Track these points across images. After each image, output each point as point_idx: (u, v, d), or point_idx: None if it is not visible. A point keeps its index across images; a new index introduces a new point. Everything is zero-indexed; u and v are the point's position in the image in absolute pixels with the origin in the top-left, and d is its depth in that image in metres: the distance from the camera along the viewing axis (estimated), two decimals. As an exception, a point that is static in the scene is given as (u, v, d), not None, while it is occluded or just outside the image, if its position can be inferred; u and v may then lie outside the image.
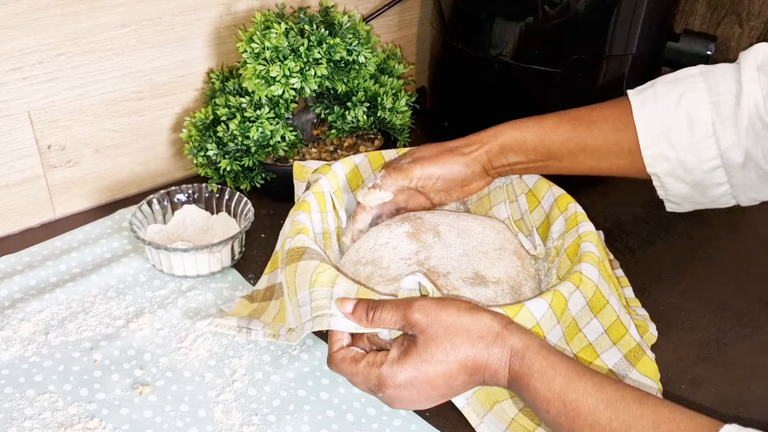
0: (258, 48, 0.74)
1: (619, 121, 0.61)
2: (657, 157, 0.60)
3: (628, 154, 0.62)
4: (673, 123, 0.59)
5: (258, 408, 0.59)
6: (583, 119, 0.63)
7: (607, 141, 0.62)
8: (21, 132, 0.74)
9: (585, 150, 0.63)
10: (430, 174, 0.66)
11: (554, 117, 0.64)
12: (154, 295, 0.70)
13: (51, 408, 0.58)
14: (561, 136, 0.63)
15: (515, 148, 0.64)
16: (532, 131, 0.64)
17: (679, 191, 0.62)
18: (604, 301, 0.59)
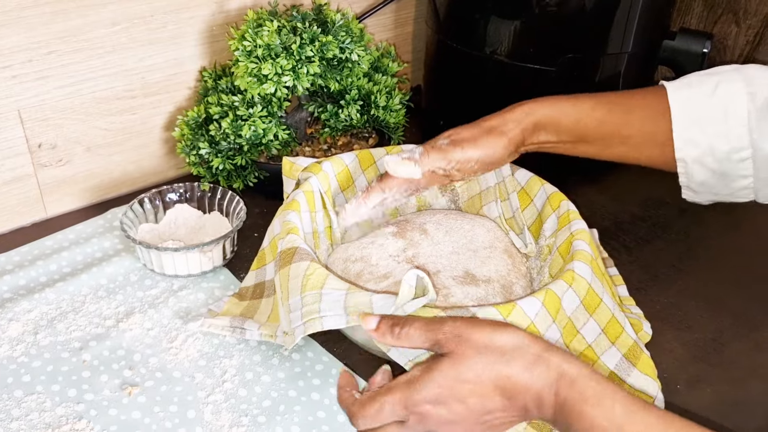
0: (250, 46, 0.73)
1: (656, 110, 0.60)
2: (688, 142, 0.59)
3: (660, 145, 0.61)
4: (708, 110, 0.58)
5: (248, 409, 0.58)
6: (620, 104, 0.62)
7: (642, 130, 0.61)
8: (11, 131, 0.74)
9: (619, 136, 0.62)
10: (470, 157, 0.62)
11: (591, 99, 0.63)
12: (144, 294, 0.69)
13: (38, 409, 0.57)
14: (597, 120, 0.61)
15: (548, 126, 0.62)
16: (568, 111, 0.62)
17: (703, 179, 0.61)
18: (598, 299, 0.58)
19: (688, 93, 0.59)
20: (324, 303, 0.53)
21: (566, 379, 0.43)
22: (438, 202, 0.76)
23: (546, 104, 0.63)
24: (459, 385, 0.44)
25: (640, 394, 0.58)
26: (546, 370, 0.44)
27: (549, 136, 0.63)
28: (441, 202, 0.76)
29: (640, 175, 0.93)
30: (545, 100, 0.63)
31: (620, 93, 0.63)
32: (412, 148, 0.63)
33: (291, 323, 0.55)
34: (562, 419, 0.44)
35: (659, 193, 0.90)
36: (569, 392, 0.43)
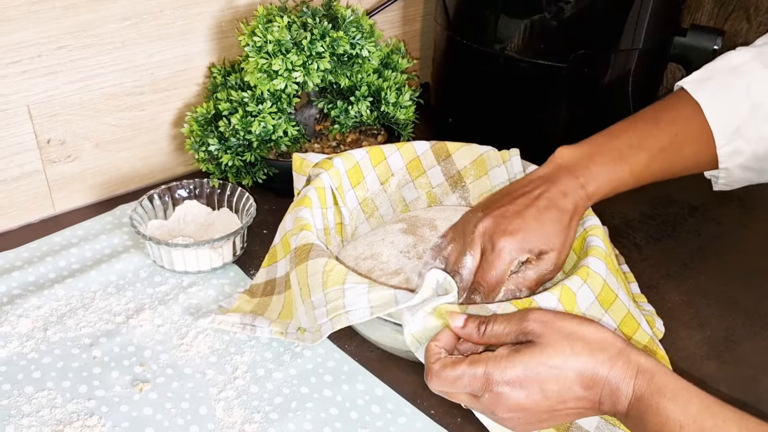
0: (260, 41, 0.73)
1: (701, 143, 0.61)
2: (731, 154, 0.61)
3: (703, 167, 0.64)
4: (746, 117, 0.59)
5: (260, 405, 0.58)
6: (670, 151, 0.61)
7: (688, 166, 0.63)
8: (20, 126, 0.73)
9: (669, 175, 0.64)
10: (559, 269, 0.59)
11: (643, 154, 0.60)
12: (154, 291, 0.69)
13: (49, 405, 0.57)
14: (652, 175, 0.62)
15: (608, 193, 0.61)
16: (624, 178, 0.60)
17: (743, 178, 0.63)
18: (614, 295, 0.58)
19: (723, 103, 0.60)
20: (348, 298, 0.53)
21: (645, 374, 0.44)
22: (448, 199, 0.76)
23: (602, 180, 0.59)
24: (544, 369, 0.45)
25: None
26: (626, 364, 0.44)
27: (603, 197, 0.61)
28: (451, 199, 0.75)
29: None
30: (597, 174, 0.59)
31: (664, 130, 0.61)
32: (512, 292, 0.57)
33: (316, 320, 0.55)
34: (636, 413, 0.44)
35: (667, 191, 0.90)
36: (647, 387, 0.43)
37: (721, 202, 0.88)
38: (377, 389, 0.60)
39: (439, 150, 0.74)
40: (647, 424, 0.43)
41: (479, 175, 0.73)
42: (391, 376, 0.61)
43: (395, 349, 0.61)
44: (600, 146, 0.61)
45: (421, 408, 0.59)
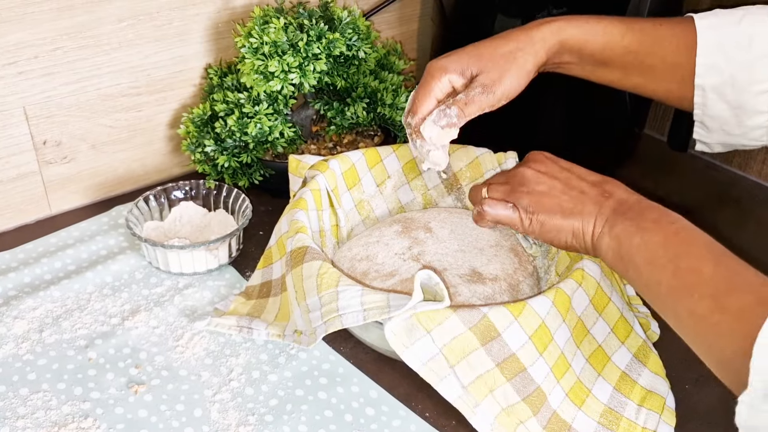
0: (256, 43, 0.73)
1: (684, 42, 0.59)
2: (710, 68, 0.58)
3: (680, 80, 0.60)
4: (733, 37, 0.57)
5: (255, 408, 0.58)
6: (650, 32, 0.60)
7: (666, 61, 0.60)
8: (16, 127, 0.73)
9: (642, 66, 0.61)
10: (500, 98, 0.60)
11: (622, 24, 0.61)
12: (150, 292, 0.69)
13: (44, 407, 0.57)
14: (624, 47, 0.60)
15: (573, 48, 0.60)
16: (597, 34, 0.60)
17: (718, 112, 0.60)
18: (607, 299, 0.58)
19: (715, 21, 0.58)
20: (341, 301, 0.53)
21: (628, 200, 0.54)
22: (444, 201, 0.76)
23: (575, 24, 0.60)
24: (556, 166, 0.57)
25: (652, 395, 0.58)
26: None
27: (572, 57, 0.61)
28: (447, 201, 0.76)
29: (645, 174, 0.94)
30: (574, 19, 0.60)
31: (650, 21, 0.61)
32: (443, 110, 0.59)
33: (311, 323, 0.55)
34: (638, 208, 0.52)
35: (664, 192, 0.89)
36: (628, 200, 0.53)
37: (718, 203, 0.88)
38: (372, 391, 0.60)
39: (435, 152, 0.74)
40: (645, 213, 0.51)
41: (475, 178, 0.73)
42: (386, 378, 0.61)
43: (389, 351, 0.61)
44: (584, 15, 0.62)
45: (415, 411, 0.59)
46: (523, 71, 0.59)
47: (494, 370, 0.52)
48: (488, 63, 0.59)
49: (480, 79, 0.59)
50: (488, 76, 0.59)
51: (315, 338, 0.54)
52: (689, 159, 0.98)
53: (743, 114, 0.59)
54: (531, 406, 0.53)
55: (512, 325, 0.52)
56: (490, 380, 0.52)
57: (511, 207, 0.56)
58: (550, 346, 0.53)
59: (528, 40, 0.60)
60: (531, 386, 0.53)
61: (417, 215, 0.71)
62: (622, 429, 0.55)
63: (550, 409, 0.54)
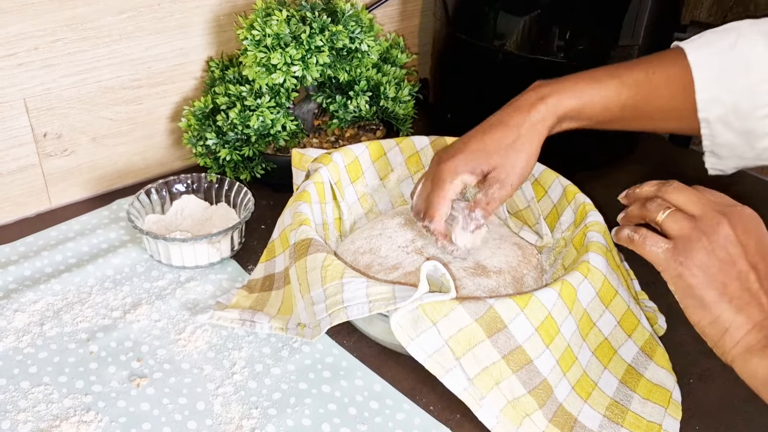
0: (259, 35, 0.73)
1: (679, 85, 0.58)
2: (710, 102, 0.57)
3: (683, 119, 0.59)
4: (730, 66, 0.57)
5: (258, 401, 0.57)
6: (644, 85, 0.59)
7: (663, 108, 0.60)
8: (16, 120, 0.73)
9: (642, 115, 0.60)
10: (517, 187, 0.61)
11: (615, 80, 0.59)
12: (151, 286, 0.68)
13: (46, 400, 0.56)
14: (621, 105, 0.60)
15: (573, 117, 0.60)
16: (593, 99, 0.60)
17: (727, 140, 0.59)
18: (614, 291, 0.58)
19: (708, 51, 0.57)
20: (346, 293, 0.52)
21: None
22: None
23: (569, 93, 0.60)
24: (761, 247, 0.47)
25: (658, 389, 0.58)
26: None
27: (572, 123, 0.61)
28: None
29: (648, 170, 0.94)
30: (566, 87, 0.59)
31: (642, 69, 0.60)
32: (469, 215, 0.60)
33: (315, 315, 0.55)
34: None
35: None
36: None
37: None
38: (376, 385, 0.60)
39: (439, 146, 0.74)
40: None
41: None
42: (389, 371, 0.61)
43: (394, 344, 0.61)
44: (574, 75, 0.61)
45: (419, 404, 0.58)
46: (531, 156, 0.59)
47: (500, 362, 0.52)
48: (498, 159, 0.59)
49: (494, 175, 0.59)
50: (501, 171, 0.59)
51: (319, 331, 0.54)
52: (691, 155, 0.98)
53: (753, 138, 0.58)
54: (537, 399, 0.53)
55: (518, 317, 0.52)
56: (496, 373, 0.52)
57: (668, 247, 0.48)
58: (557, 338, 0.53)
59: (528, 125, 0.59)
60: (537, 379, 0.53)
61: None
62: (628, 422, 0.55)
63: (556, 402, 0.53)
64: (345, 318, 0.52)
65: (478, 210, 0.60)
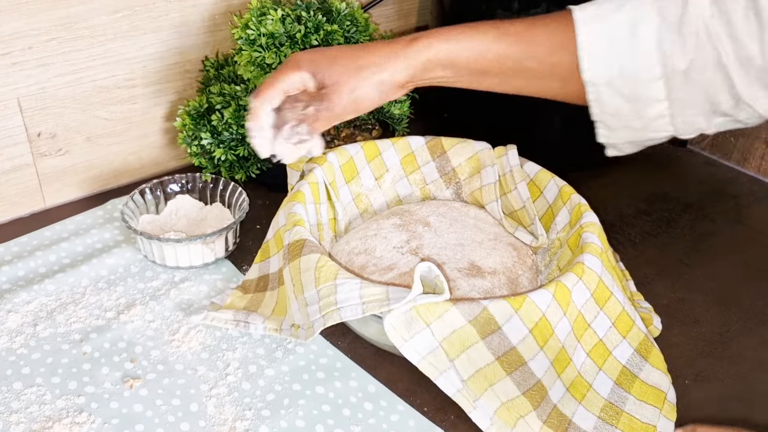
0: (254, 35, 0.72)
1: (559, 40, 0.56)
2: (597, 63, 0.55)
3: (562, 79, 0.57)
4: (616, 28, 0.54)
5: (252, 402, 0.57)
6: (523, 35, 0.57)
7: (543, 62, 0.57)
8: (10, 119, 0.73)
9: (520, 70, 0.58)
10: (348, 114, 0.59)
11: (493, 29, 0.57)
12: (146, 286, 0.68)
13: (38, 401, 0.56)
14: (497, 53, 0.57)
15: (445, 63, 0.57)
16: (468, 45, 0.57)
17: (615, 107, 0.56)
18: (608, 293, 0.57)
19: (595, 11, 0.55)
20: (340, 294, 0.52)
21: None
22: (442, 194, 0.75)
23: (444, 37, 0.57)
24: None
25: (653, 390, 0.58)
26: None
27: (446, 71, 0.58)
28: (445, 194, 0.75)
29: (644, 169, 0.93)
30: (442, 32, 0.58)
31: (525, 22, 0.58)
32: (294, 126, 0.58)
33: (309, 317, 0.54)
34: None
35: (664, 187, 0.90)
36: None
37: (717, 199, 0.88)
38: (370, 386, 0.59)
39: (434, 146, 0.74)
40: None
41: (473, 173, 0.73)
42: (384, 372, 0.61)
43: (388, 345, 0.60)
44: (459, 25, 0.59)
45: (414, 405, 0.58)
46: (376, 89, 0.57)
47: (494, 363, 0.52)
48: (341, 75, 0.57)
49: (328, 91, 0.57)
50: (337, 89, 0.57)
51: (313, 332, 0.54)
52: (688, 155, 0.98)
53: (640, 104, 0.55)
54: (531, 401, 0.53)
55: (512, 319, 0.51)
56: (490, 374, 0.52)
57: None
58: (551, 339, 0.53)
59: (391, 56, 0.57)
60: (531, 380, 0.52)
61: (415, 208, 0.70)
62: (623, 424, 0.55)
63: (550, 404, 0.53)
64: (339, 319, 0.52)
65: (304, 125, 0.58)
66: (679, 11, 0.52)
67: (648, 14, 0.53)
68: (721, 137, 0.96)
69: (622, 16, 0.54)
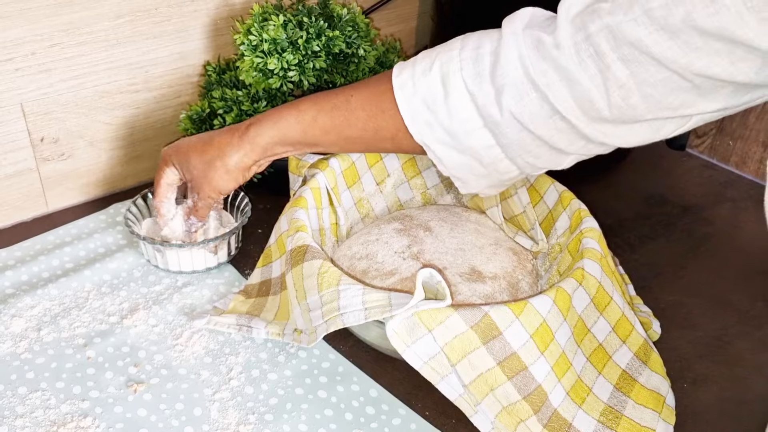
0: (256, 40, 0.73)
1: (376, 107, 0.57)
2: (422, 125, 0.55)
3: (390, 140, 0.58)
4: (429, 87, 0.54)
5: (255, 407, 0.58)
6: (341, 109, 0.59)
7: (366, 129, 0.59)
8: (13, 124, 0.73)
9: (348, 139, 0.60)
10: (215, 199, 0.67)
11: (313, 107, 0.60)
12: (148, 290, 0.69)
13: (43, 406, 0.57)
14: (321, 129, 0.60)
15: (279, 143, 0.62)
16: (291, 127, 0.61)
17: (455, 161, 0.56)
18: (608, 297, 0.58)
19: (410, 73, 0.55)
20: (342, 300, 0.53)
21: None
22: (443, 199, 0.76)
23: (271, 122, 0.62)
24: None
25: (652, 394, 0.58)
26: None
27: (285, 148, 0.63)
28: (446, 199, 0.76)
29: (643, 173, 0.94)
30: (270, 117, 0.62)
31: (346, 90, 0.60)
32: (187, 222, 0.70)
33: (311, 322, 0.55)
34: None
35: (662, 191, 0.90)
36: None
37: (715, 202, 0.88)
38: (372, 390, 0.60)
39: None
40: None
41: None
42: (385, 377, 0.61)
43: (390, 350, 0.61)
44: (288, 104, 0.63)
45: (415, 409, 0.59)
46: (228, 176, 0.64)
47: (495, 368, 0.52)
48: (194, 170, 0.65)
49: (194, 183, 0.66)
50: (198, 182, 0.66)
51: (315, 337, 0.54)
52: (687, 158, 0.98)
53: (476, 154, 0.55)
54: (532, 405, 0.53)
55: (513, 324, 0.52)
56: (491, 379, 0.52)
57: None
58: (551, 344, 0.53)
59: (232, 146, 0.63)
60: (532, 385, 0.53)
61: (416, 213, 0.71)
62: (622, 427, 0.55)
63: (550, 408, 0.54)
64: (341, 325, 0.53)
65: (193, 216, 0.69)
66: (490, 62, 0.52)
67: (455, 67, 0.53)
68: (719, 140, 0.96)
69: (434, 74, 0.54)
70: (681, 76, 0.45)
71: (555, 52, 0.48)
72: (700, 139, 0.99)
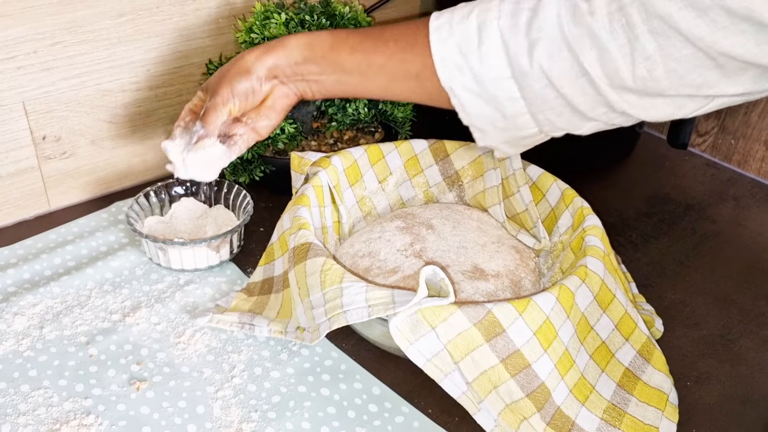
0: (257, 38, 0.73)
1: (407, 40, 0.58)
2: (452, 69, 0.55)
3: (415, 77, 0.58)
4: (465, 33, 0.55)
5: (257, 404, 0.58)
6: (373, 36, 0.60)
7: (393, 58, 0.58)
8: (15, 122, 0.73)
9: (372, 65, 0.59)
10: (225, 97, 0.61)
11: (346, 30, 0.62)
12: (151, 289, 0.69)
13: (46, 404, 0.57)
14: (350, 47, 0.59)
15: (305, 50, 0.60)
16: (321, 36, 0.61)
17: (478, 110, 0.56)
18: (611, 295, 0.58)
19: (449, 17, 0.56)
20: (345, 297, 0.53)
21: None
22: (445, 197, 0.76)
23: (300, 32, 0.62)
24: None
25: (655, 392, 0.58)
26: None
27: (308, 66, 0.61)
28: (448, 197, 0.75)
29: (645, 171, 0.94)
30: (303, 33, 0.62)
31: (380, 27, 0.61)
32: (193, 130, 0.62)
33: (314, 320, 0.55)
34: None
35: (665, 189, 0.90)
36: None
37: (717, 201, 0.88)
38: (375, 388, 0.60)
39: (437, 149, 0.74)
40: None
41: (476, 176, 0.73)
42: (388, 374, 0.61)
43: (393, 347, 0.61)
44: None
45: (418, 407, 0.59)
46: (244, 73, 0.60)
47: (498, 366, 0.52)
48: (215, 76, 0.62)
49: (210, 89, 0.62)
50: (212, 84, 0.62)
51: (319, 335, 0.54)
52: (689, 157, 0.98)
53: (500, 104, 0.55)
54: (535, 402, 0.53)
55: (517, 321, 0.52)
56: (494, 376, 0.52)
57: None
58: (555, 342, 0.53)
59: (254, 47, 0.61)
60: (535, 382, 0.53)
61: (418, 210, 0.71)
62: (625, 425, 0.55)
63: (553, 405, 0.54)
64: (344, 322, 0.52)
65: (199, 122, 0.61)
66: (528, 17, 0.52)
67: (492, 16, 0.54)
68: (722, 139, 0.96)
69: (471, 23, 0.55)
70: (706, 54, 0.46)
71: (589, 19, 0.49)
72: (702, 137, 0.99)
